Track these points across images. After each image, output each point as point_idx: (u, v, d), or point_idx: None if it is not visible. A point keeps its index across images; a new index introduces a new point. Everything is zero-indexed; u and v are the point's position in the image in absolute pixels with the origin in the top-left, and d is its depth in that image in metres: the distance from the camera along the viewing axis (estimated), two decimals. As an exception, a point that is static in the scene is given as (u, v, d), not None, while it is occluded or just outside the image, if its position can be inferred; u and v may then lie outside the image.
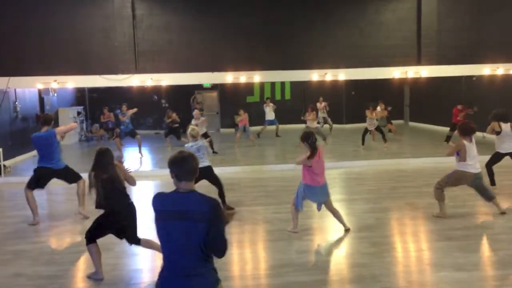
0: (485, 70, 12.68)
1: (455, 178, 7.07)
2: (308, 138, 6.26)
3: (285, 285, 4.83)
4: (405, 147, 14.33)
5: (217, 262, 3.11)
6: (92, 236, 5.16)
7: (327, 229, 6.74)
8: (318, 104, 16.94)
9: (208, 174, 7.47)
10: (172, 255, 3.04)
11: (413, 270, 5.29)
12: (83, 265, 5.54)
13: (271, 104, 16.97)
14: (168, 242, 3.05)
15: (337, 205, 6.72)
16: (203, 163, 7.17)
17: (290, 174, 10.58)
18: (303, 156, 6.20)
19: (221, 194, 7.57)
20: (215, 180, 7.61)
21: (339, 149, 13.98)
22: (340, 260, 5.72)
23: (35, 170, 7.46)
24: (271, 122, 16.97)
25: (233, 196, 7.82)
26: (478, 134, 14.07)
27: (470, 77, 14.15)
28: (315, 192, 6.33)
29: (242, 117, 15.40)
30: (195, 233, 2.94)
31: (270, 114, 16.82)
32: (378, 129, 14.10)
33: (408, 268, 5.36)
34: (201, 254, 2.99)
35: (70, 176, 7.62)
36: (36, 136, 7.37)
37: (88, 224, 7.19)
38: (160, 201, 3.11)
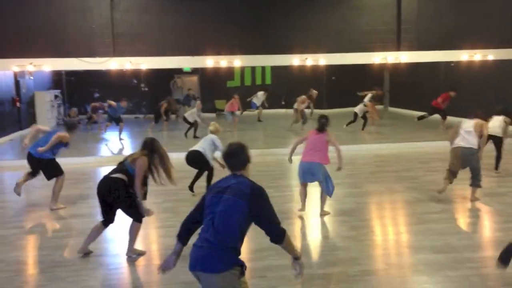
0: (463, 56, 12.83)
1: None
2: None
3: (266, 268, 4.87)
4: (384, 132, 14.45)
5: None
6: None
7: (308, 213, 6.79)
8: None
9: (198, 159, 7.58)
10: (206, 226, 3.11)
11: (392, 253, 5.38)
12: (61, 250, 5.48)
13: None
14: (207, 213, 3.15)
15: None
16: (198, 149, 7.59)
17: (272, 159, 10.60)
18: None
19: (209, 177, 7.62)
20: (204, 166, 7.66)
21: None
22: (320, 244, 5.78)
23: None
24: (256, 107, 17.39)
25: (214, 181, 7.80)
26: (458, 119, 14.36)
27: (449, 63, 14.31)
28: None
29: (231, 102, 15.33)
30: (234, 208, 3.07)
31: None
32: (363, 116, 14.22)
33: (387, 251, 5.44)
34: (232, 237, 3.08)
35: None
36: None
37: (67, 211, 7.15)
38: (215, 182, 3.36)
